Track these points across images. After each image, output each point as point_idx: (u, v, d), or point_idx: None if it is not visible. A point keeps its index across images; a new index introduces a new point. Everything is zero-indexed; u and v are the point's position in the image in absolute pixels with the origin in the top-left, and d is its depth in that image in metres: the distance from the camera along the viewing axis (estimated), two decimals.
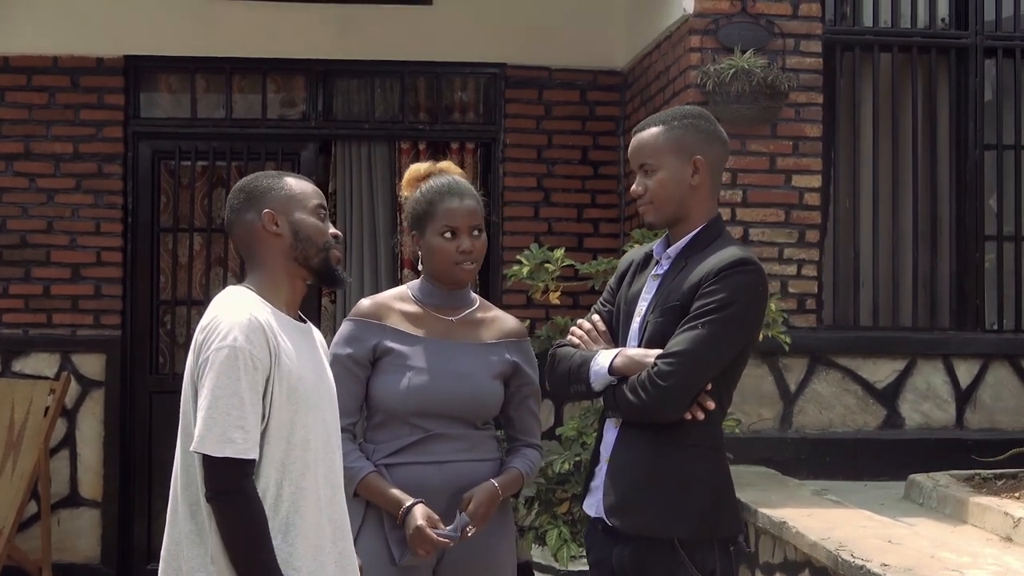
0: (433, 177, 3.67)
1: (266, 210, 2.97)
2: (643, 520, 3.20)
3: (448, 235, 3.57)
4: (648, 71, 6.92)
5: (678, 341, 3.14)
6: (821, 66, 6.27)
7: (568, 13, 7.42)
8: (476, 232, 3.60)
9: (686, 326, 3.15)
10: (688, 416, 3.17)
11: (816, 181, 6.22)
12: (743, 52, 6.00)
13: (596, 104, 7.53)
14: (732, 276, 3.16)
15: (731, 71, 5.92)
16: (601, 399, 3.34)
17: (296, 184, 3.04)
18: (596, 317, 3.44)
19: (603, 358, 3.27)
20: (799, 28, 6.22)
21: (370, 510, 3.53)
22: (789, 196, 6.17)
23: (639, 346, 3.27)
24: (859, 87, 6.55)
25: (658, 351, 3.17)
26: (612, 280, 3.52)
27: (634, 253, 3.52)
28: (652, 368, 3.15)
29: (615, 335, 3.39)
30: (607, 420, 3.37)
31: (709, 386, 3.18)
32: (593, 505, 3.34)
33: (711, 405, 3.19)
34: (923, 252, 6.58)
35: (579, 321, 3.49)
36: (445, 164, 3.75)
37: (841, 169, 6.52)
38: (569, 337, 3.44)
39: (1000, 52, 6.67)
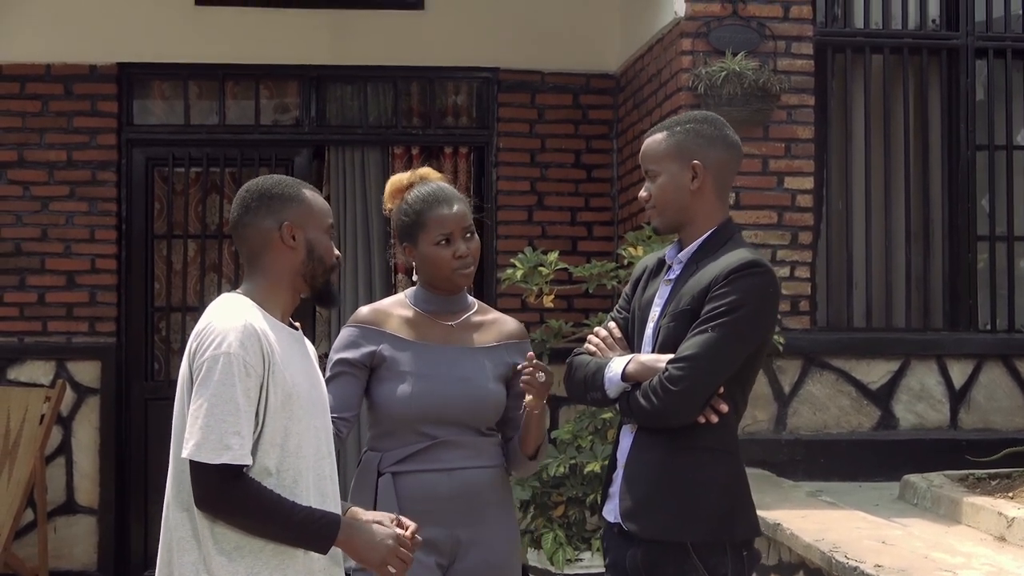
0: (416, 186, 3.62)
1: (286, 222, 2.94)
2: (656, 524, 3.21)
3: (443, 243, 3.56)
4: (640, 74, 6.93)
5: (689, 345, 3.15)
6: (812, 68, 6.28)
7: (560, 17, 7.44)
8: (468, 235, 3.58)
9: (696, 330, 3.16)
10: (701, 420, 3.18)
11: (808, 183, 6.24)
12: (734, 55, 6.02)
13: (589, 108, 7.54)
14: (742, 279, 3.17)
15: (723, 74, 5.93)
16: (617, 406, 3.34)
17: (315, 199, 3.02)
18: (612, 324, 3.46)
19: (616, 365, 3.28)
20: (790, 30, 6.24)
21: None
22: (782, 198, 6.19)
23: (653, 351, 3.28)
24: (851, 89, 6.56)
25: (669, 356, 3.19)
26: (627, 287, 3.53)
27: (648, 259, 3.53)
28: (663, 373, 3.16)
29: (631, 341, 3.40)
30: (624, 426, 3.38)
31: (721, 389, 3.19)
32: (611, 511, 3.35)
33: (724, 408, 3.19)
34: (916, 253, 6.59)
35: (595, 329, 3.50)
36: (424, 171, 3.70)
37: (833, 171, 6.52)
38: (586, 345, 3.46)
39: (991, 52, 6.69)
